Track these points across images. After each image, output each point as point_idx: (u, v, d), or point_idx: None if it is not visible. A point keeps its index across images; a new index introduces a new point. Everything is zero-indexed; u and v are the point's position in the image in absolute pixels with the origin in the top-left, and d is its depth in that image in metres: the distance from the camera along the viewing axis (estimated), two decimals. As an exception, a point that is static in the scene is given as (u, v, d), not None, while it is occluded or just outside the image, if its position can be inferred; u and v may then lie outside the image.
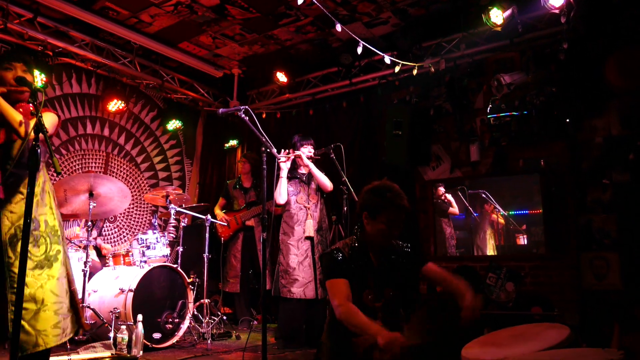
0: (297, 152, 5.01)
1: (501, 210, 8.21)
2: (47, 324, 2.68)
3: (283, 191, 4.89)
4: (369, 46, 5.33)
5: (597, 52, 5.37)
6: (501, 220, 8.64)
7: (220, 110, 4.20)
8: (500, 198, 7.96)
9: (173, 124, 7.61)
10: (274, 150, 3.95)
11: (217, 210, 6.68)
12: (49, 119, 2.86)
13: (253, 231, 6.59)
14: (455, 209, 7.45)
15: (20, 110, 2.78)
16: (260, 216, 4.38)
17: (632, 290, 4.97)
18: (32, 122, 2.43)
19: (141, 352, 4.46)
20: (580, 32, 5.23)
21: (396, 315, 2.88)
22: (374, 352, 2.42)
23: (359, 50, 5.16)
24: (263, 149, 3.90)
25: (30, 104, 2.59)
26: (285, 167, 4.92)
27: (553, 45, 5.54)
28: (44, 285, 2.70)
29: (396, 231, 2.78)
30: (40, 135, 2.40)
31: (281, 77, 7.22)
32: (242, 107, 4.01)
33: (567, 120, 5.63)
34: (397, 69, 5.82)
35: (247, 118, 3.96)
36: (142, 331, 4.49)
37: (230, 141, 8.29)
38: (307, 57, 7.22)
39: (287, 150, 5.00)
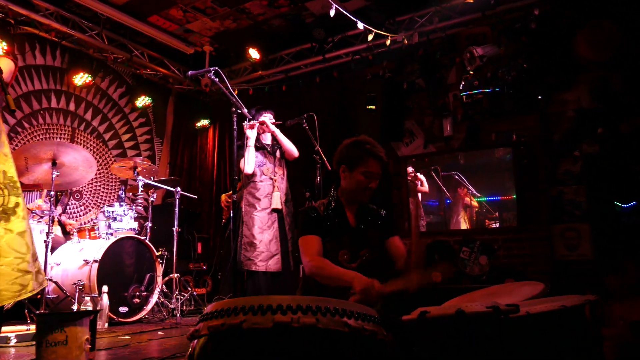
0: (261, 119, 4.88)
1: (474, 192, 8.23)
2: (2, 280, 2.50)
3: (251, 160, 4.74)
4: (341, 10, 5.26)
5: (567, 25, 5.40)
6: (474, 204, 8.66)
7: (190, 72, 4.10)
8: (472, 184, 7.98)
9: (142, 101, 7.40)
10: (245, 111, 3.85)
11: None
12: (4, 64, 2.68)
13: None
14: (424, 187, 7.23)
15: None
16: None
17: (603, 259, 5.02)
18: None
19: (106, 325, 4.32)
20: (551, 0, 5.24)
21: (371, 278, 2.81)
22: (349, 297, 2.34)
23: (332, 12, 5.08)
24: (233, 109, 3.79)
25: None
26: (252, 135, 4.79)
27: (524, 19, 5.56)
28: None
29: (374, 184, 2.71)
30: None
31: (254, 53, 7.10)
32: (212, 68, 3.90)
33: (539, 97, 5.66)
34: (370, 37, 5.77)
35: (218, 79, 3.85)
36: (108, 303, 4.35)
37: (202, 121, 8.13)
38: (280, 33, 7.09)
39: (250, 119, 4.84)
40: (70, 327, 2.25)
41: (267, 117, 4.96)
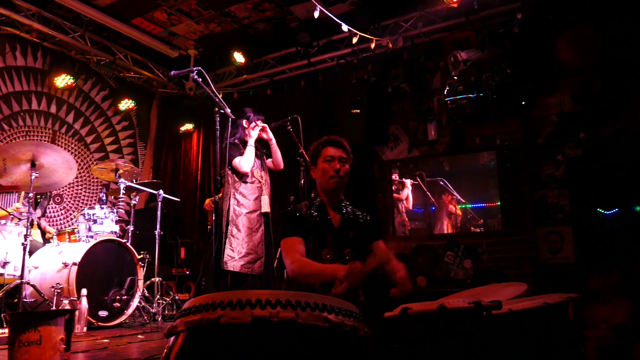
0: (263, 124, 4.82)
1: (459, 197, 8.25)
2: None
3: (251, 159, 4.63)
4: (326, 11, 5.25)
5: (549, 30, 5.46)
6: (459, 212, 8.68)
7: (172, 72, 4.04)
8: (457, 191, 8.00)
9: (125, 104, 7.33)
10: (228, 110, 3.81)
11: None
12: None
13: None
14: (402, 195, 7.18)
15: None
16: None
17: (585, 262, 5.05)
18: None
19: (85, 329, 4.22)
20: (533, 5, 5.30)
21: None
22: (332, 289, 2.33)
23: (316, 14, 5.07)
24: (216, 109, 3.76)
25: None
26: (254, 135, 4.71)
27: (507, 25, 5.61)
28: None
29: (336, 165, 2.72)
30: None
31: (239, 57, 7.06)
32: (195, 68, 3.87)
33: (523, 102, 5.71)
34: (354, 40, 5.77)
35: (201, 79, 3.82)
36: (86, 306, 4.26)
37: (186, 125, 8.07)
38: (265, 37, 7.07)
39: (249, 121, 4.79)
40: (45, 327, 2.19)
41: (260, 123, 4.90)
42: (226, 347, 1.38)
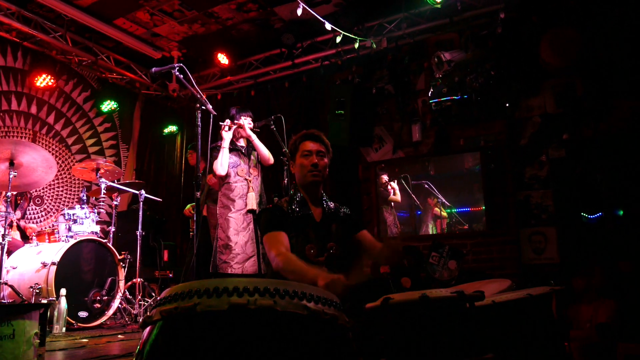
0: (239, 122, 4.78)
1: (444, 201, 8.26)
2: None
3: (225, 162, 4.61)
4: (308, 9, 5.23)
5: (532, 32, 5.50)
6: (444, 214, 8.69)
7: (153, 69, 4.00)
8: (442, 195, 8.01)
9: (108, 105, 7.25)
10: (209, 106, 3.77)
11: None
12: None
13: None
14: (397, 196, 7.31)
15: None
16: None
17: (569, 262, 5.06)
18: None
19: (64, 329, 4.13)
20: (516, 6, 5.34)
21: (339, 272, 2.78)
22: None
23: (299, 12, 5.05)
24: (197, 105, 3.72)
25: None
26: (227, 137, 4.66)
27: (490, 26, 5.64)
28: None
29: (314, 159, 2.71)
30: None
31: (222, 58, 7.03)
32: (177, 64, 3.84)
33: (507, 104, 5.74)
34: (338, 39, 5.76)
35: (182, 76, 3.78)
36: (66, 306, 4.17)
37: (170, 127, 8.01)
38: (249, 38, 7.04)
39: (227, 120, 4.77)
40: (18, 321, 2.13)
41: (247, 120, 4.86)
42: (203, 336, 1.35)
